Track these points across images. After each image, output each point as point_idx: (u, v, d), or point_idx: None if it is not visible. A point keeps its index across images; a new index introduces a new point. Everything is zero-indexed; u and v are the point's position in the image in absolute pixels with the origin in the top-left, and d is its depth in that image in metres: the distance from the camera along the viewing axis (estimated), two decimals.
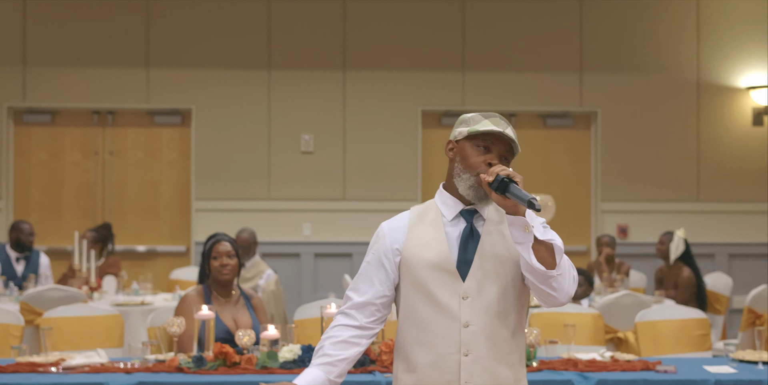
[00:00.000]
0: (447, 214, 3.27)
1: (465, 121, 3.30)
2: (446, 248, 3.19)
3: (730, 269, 10.87)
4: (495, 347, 3.15)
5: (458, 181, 3.25)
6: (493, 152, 3.21)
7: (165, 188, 11.02)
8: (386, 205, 10.82)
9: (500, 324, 3.16)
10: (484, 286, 3.16)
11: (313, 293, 10.60)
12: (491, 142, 3.22)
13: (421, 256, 3.21)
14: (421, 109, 10.99)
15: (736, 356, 5.38)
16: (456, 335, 3.14)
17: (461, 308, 3.15)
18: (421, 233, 3.26)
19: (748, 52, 11.09)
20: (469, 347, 3.14)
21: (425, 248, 3.22)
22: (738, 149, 11.09)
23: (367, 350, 4.99)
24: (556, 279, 3.05)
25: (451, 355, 3.14)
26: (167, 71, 10.78)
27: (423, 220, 3.29)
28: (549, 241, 3.06)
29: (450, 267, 3.17)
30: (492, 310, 3.15)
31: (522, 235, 3.05)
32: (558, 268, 3.05)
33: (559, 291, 3.07)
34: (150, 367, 4.92)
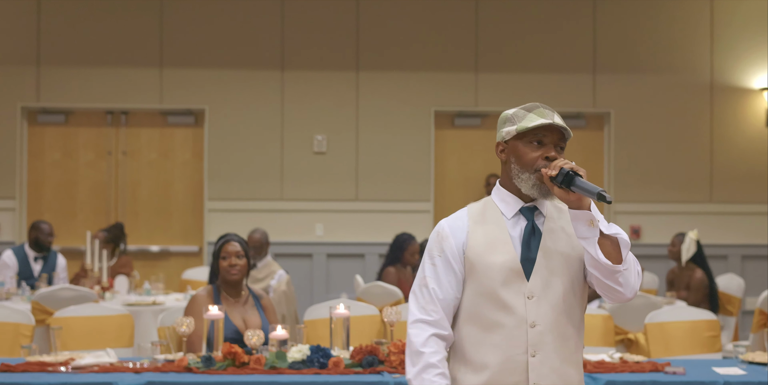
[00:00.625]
0: (507, 212, 3.19)
1: (509, 119, 3.21)
2: (511, 248, 3.13)
3: (743, 270, 10.84)
4: (562, 347, 3.11)
5: (519, 182, 3.16)
6: (546, 145, 3.15)
7: (178, 188, 11.05)
8: (399, 205, 10.82)
9: (566, 322, 3.12)
10: (549, 284, 3.11)
11: (325, 293, 10.61)
12: (543, 135, 3.15)
13: (486, 256, 3.13)
14: (434, 110, 10.99)
15: (746, 357, 5.36)
16: (523, 336, 3.09)
17: (527, 308, 3.09)
18: (484, 232, 3.18)
19: (762, 53, 11.06)
20: (536, 348, 3.09)
21: (490, 248, 3.14)
22: (751, 150, 11.05)
23: (376, 350, 5.00)
24: (623, 274, 3.02)
25: (519, 355, 3.09)
26: (181, 71, 10.81)
27: (483, 218, 3.20)
28: (615, 235, 3.02)
29: (515, 267, 3.11)
30: (557, 308, 3.11)
31: (587, 229, 3.01)
32: (624, 263, 3.01)
33: (625, 286, 3.03)
34: (159, 367, 4.93)
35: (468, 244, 3.16)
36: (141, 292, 8.57)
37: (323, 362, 4.94)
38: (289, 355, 5.00)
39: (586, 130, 11.21)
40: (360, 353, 4.99)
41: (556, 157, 3.13)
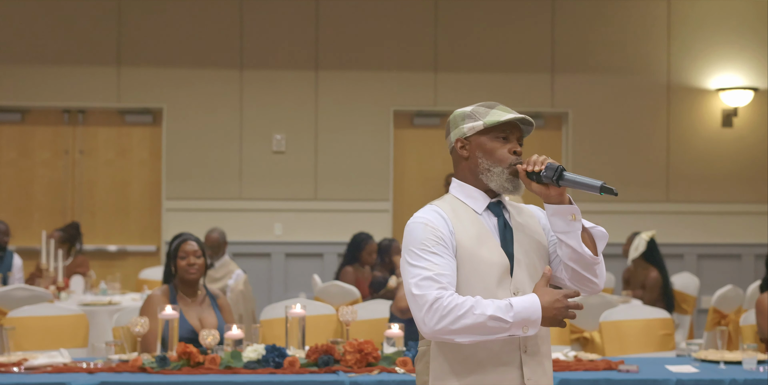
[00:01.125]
0: (476, 208, 3.14)
1: (468, 115, 3.19)
2: (496, 243, 3.08)
3: (699, 269, 10.93)
4: (543, 341, 3.10)
5: (489, 177, 3.11)
6: (512, 141, 3.16)
7: (135, 188, 11.00)
8: (358, 205, 10.82)
9: None
10: (530, 279, 3.08)
11: (283, 293, 10.60)
12: (509, 131, 3.15)
13: (475, 251, 3.06)
14: (393, 110, 11.00)
15: (699, 355, 5.41)
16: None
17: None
18: (465, 226, 3.09)
19: (718, 54, 11.16)
20: (526, 343, 3.05)
21: (477, 242, 3.07)
22: (707, 150, 11.15)
23: (332, 349, 5.00)
24: (600, 266, 3.04)
25: (513, 352, 3.04)
26: (138, 70, 10.75)
27: (457, 213, 3.12)
28: (592, 228, 3.05)
29: (503, 262, 3.06)
30: None
31: (568, 224, 2.99)
32: (599, 254, 3.04)
33: (600, 277, 3.06)
34: (113, 367, 4.91)
35: (456, 237, 3.06)
36: (97, 292, 8.52)
37: (278, 361, 4.94)
38: (244, 355, 4.99)
39: (544, 130, 11.27)
40: (315, 352, 4.99)
41: (521, 151, 3.14)
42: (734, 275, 10.95)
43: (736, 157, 11.17)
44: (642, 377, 4.92)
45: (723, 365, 5.24)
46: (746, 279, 10.70)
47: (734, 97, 11.06)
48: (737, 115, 11.13)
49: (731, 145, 11.16)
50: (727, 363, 5.29)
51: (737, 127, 11.17)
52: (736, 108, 11.11)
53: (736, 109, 11.11)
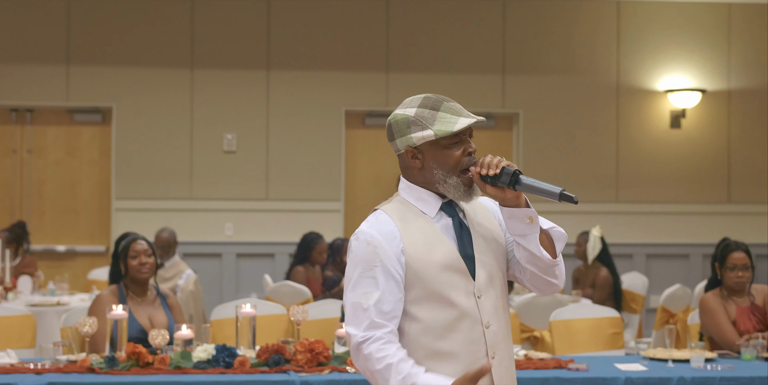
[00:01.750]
0: (428, 210, 2.99)
1: (413, 122, 2.96)
2: (451, 246, 2.93)
3: (648, 268, 11.03)
4: (509, 345, 3.00)
5: (446, 188, 2.95)
6: (465, 141, 2.98)
7: (85, 187, 10.90)
8: (309, 205, 10.81)
9: (507, 319, 3.00)
10: (491, 282, 2.94)
11: (234, 293, 10.55)
12: (462, 132, 2.97)
13: (428, 258, 2.90)
14: (345, 109, 11.00)
15: (647, 354, 5.46)
16: (481, 338, 2.91)
17: (480, 308, 2.91)
18: (416, 234, 2.95)
19: (667, 56, 11.27)
20: (494, 349, 2.92)
21: (429, 249, 2.92)
22: (656, 151, 11.25)
23: (282, 349, 4.98)
24: (559, 267, 2.94)
25: (481, 359, 2.89)
26: (88, 69, 10.66)
27: (408, 220, 2.96)
28: (550, 229, 2.93)
29: (461, 266, 2.91)
30: (502, 305, 2.97)
31: (526, 226, 2.87)
32: (558, 254, 2.93)
33: (560, 278, 2.96)
34: (61, 368, 4.86)
35: (405, 248, 2.91)
36: (45, 292, 8.44)
37: (229, 361, 4.92)
38: (194, 355, 4.97)
39: (495, 131, 11.31)
40: (266, 352, 4.97)
41: (475, 150, 2.99)
42: (682, 275, 11.06)
43: (685, 158, 11.28)
44: (591, 376, 4.95)
45: (671, 364, 5.29)
46: (694, 279, 10.81)
47: (682, 98, 11.16)
48: (685, 117, 11.24)
49: (679, 146, 11.27)
50: (676, 361, 5.34)
51: (685, 128, 11.28)
52: (684, 109, 11.22)
53: (684, 110, 11.22)
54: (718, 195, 11.31)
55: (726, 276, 5.94)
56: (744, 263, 5.89)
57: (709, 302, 5.95)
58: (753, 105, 11.35)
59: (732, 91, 11.32)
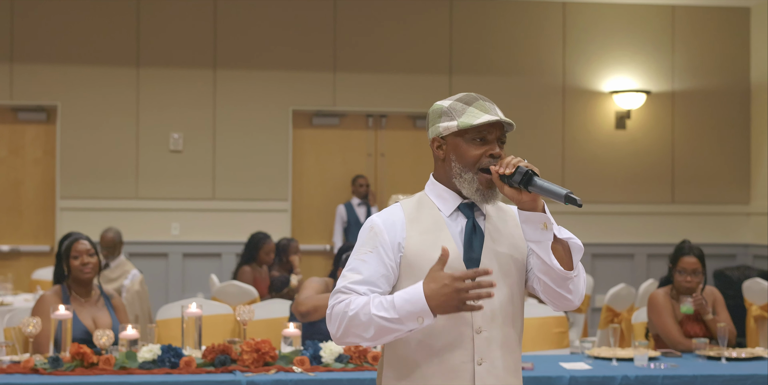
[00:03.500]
0: (444, 208, 2.96)
1: (444, 112, 2.96)
2: (454, 246, 2.87)
3: (593, 268, 11.12)
4: (507, 355, 2.89)
5: (461, 183, 2.93)
6: (490, 142, 2.91)
7: (29, 187, 10.78)
8: (256, 205, 10.77)
9: (510, 329, 2.91)
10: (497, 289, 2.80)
11: (181, 293, 10.50)
12: (487, 131, 2.91)
13: (427, 255, 2.85)
14: (292, 109, 10.98)
15: (592, 353, 5.51)
16: (469, 343, 2.85)
17: (473, 313, 2.84)
18: (422, 229, 2.92)
19: (612, 58, 11.37)
20: (482, 355, 2.85)
21: (431, 246, 2.87)
22: (601, 152, 11.35)
23: (228, 349, 4.97)
24: (573, 281, 2.81)
25: (464, 364, 2.84)
26: (32, 67, 10.55)
27: (419, 215, 2.95)
28: (567, 239, 2.82)
29: (460, 267, 2.84)
30: (503, 313, 2.89)
31: (540, 233, 2.79)
32: (575, 269, 2.82)
33: (575, 293, 2.84)
34: (4, 368, 4.81)
35: (406, 241, 2.89)
36: None
37: (174, 361, 4.89)
38: (139, 355, 4.94)
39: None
40: (212, 352, 4.96)
41: (500, 154, 2.91)
42: (627, 275, 11.17)
43: (629, 158, 11.39)
44: (537, 374, 4.98)
45: (615, 362, 5.34)
46: (639, 278, 10.93)
47: (627, 99, 11.27)
48: (630, 118, 11.35)
49: (624, 146, 11.38)
50: (620, 360, 5.39)
51: (630, 129, 11.39)
52: (629, 110, 11.33)
53: (629, 111, 11.33)
54: (662, 195, 11.44)
55: (676, 278, 6.00)
56: (693, 268, 5.94)
57: (658, 299, 6.00)
58: (696, 106, 11.49)
59: (676, 92, 11.45)
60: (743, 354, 5.55)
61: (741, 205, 11.52)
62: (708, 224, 11.43)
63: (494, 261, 2.90)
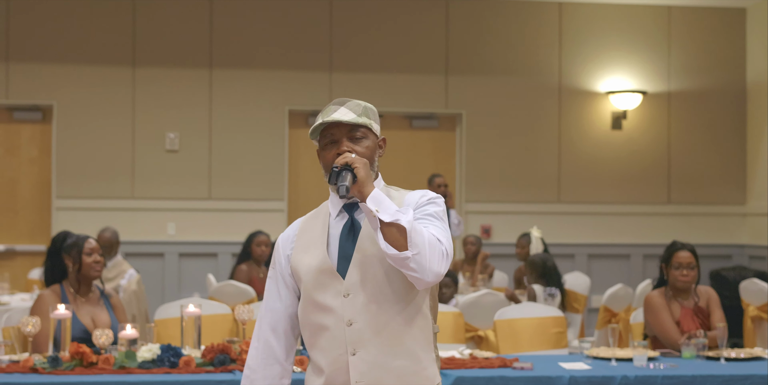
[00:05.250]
0: (333, 212, 3.13)
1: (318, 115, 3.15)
2: (323, 250, 3.07)
3: (589, 268, 11.13)
4: (385, 341, 3.01)
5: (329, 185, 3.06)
6: (338, 141, 3.07)
7: (24, 186, 10.77)
8: (252, 204, 10.77)
9: (388, 315, 3.01)
10: (365, 279, 3.01)
11: (177, 293, 10.49)
12: (331, 133, 3.08)
13: (303, 261, 3.09)
14: (288, 109, 10.97)
15: (591, 353, 5.51)
16: (341, 335, 3.02)
17: (343, 307, 3.01)
18: (306, 237, 3.14)
19: (608, 58, 11.38)
20: (355, 346, 3.01)
21: (306, 252, 3.10)
22: (597, 152, 11.36)
23: (228, 348, 4.96)
24: (413, 259, 2.86)
25: (341, 356, 3.03)
26: (27, 66, 10.53)
27: (313, 223, 3.16)
28: (395, 221, 2.86)
29: (328, 268, 3.04)
30: (376, 302, 3.01)
31: (372, 221, 2.89)
32: (412, 247, 2.86)
33: (421, 271, 2.89)
34: (3, 368, 4.81)
35: (292, 252, 3.14)
36: None
37: (174, 361, 4.89)
38: (138, 354, 4.93)
39: (438, 131, 11.35)
40: (211, 351, 4.95)
41: (346, 151, 3.04)
42: (623, 275, 11.18)
43: (625, 159, 11.39)
44: (536, 374, 4.99)
45: (614, 362, 5.34)
46: (635, 278, 10.93)
47: (623, 100, 11.28)
48: (626, 118, 11.36)
49: (620, 147, 11.39)
50: (619, 360, 5.40)
51: (626, 129, 11.40)
52: (626, 111, 11.34)
53: (625, 112, 11.33)
54: (658, 196, 11.45)
55: (671, 275, 6.00)
56: (689, 262, 5.96)
57: (653, 300, 6.01)
58: (692, 107, 11.50)
59: (672, 93, 11.46)
60: (742, 354, 5.56)
61: (737, 205, 11.54)
62: (704, 225, 11.45)
63: (367, 255, 3.02)
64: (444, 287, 7.63)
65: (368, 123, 3.10)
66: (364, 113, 3.11)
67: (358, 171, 2.91)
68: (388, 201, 2.91)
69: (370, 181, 2.93)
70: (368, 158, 3.06)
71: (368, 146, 3.09)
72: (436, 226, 3.00)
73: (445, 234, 2.99)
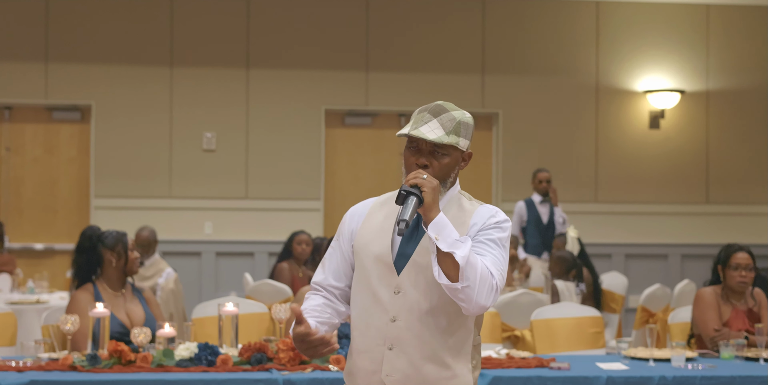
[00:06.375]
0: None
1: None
2: (388, 242, 3.13)
3: (626, 268, 11.07)
4: (421, 344, 3.08)
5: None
6: (421, 151, 3.12)
7: (63, 185, 10.85)
8: (289, 204, 10.79)
9: (429, 321, 3.08)
10: (418, 281, 3.07)
11: (214, 292, 10.53)
12: (416, 141, 3.12)
13: (367, 245, 3.15)
14: (325, 109, 10.99)
15: (628, 353, 5.47)
16: (383, 328, 3.10)
17: (392, 302, 3.09)
18: (375, 221, 3.19)
19: (646, 57, 11.31)
20: (393, 342, 3.09)
21: (373, 237, 3.16)
22: (635, 152, 11.30)
23: (265, 347, 4.98)
24: (463, 291, 2.93)
25: (378, 346, 3.11)
26: (66, 66, 10.61)
27: (383, 208, 3.21)
28: (451, 253, 2.91)
29: (387, 260, 3.11)
30: (421, 306, 3.07)
31: (431, 245, 2.95)
32: (463, 280, 2.91)
33: (468, 302, 2.95)
34: (43, 365, 4.84)
35: (359, 231, 3.19)
36: (24, 290, 8.40)
37: (211, 359, 4.90)
38: (176, 353, 4.95)
39: (474, 130, 11.29)
40: (248, 350, 4.96)
41: (424, 163, 3.10)
42: (661, 275, 11.11)
43: (663, 158, 11.33)
44: (573, 375, 4.96)
45: (652, 363, 5.31)
46: (672, 279, 10.86)
47: (661, 99, 11.22)
48: (664, 117, 11.29)
49: (658, 146, 11.32)
50: (657, 361, 5.36)
51: (664, 128, 11.33)
52: (663, 110, 11.27)
53: (663, 111, 11.27)
54: (696, 195, 11.37)
55: (729, 276, 5.94)
56: (747, 263, 5.92)
57: (704, 295, 5.97)
58: (731, 106, 11.42)
59: (710, 92, 11.39)
60: None
61: None
62: (742, 225, 11.35)
63: (423, 258, 3.07)
64: None
65: (454, 142, 3.13)
66: (454, 131, 3.14)
67: (425, 195, 2.94)
68: (450, 228, 2.94)
69: (436, 206, 2.96)
70: (444, 174, 3.14)
71: (447, 163, 3.15)
72: (494, 255, 3.04)
73: (500, 266, 3.03)
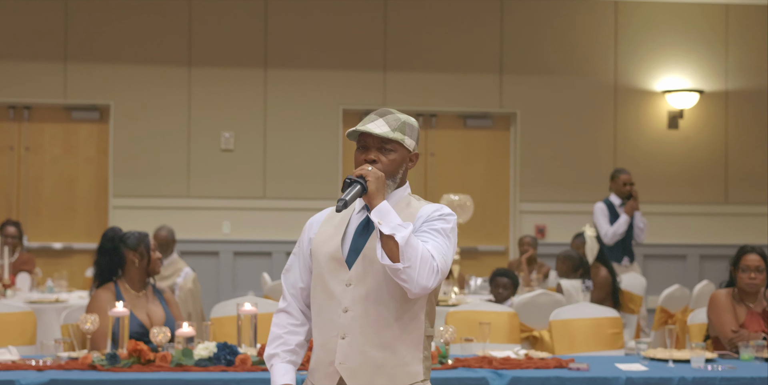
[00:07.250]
0: (357, 206, 3.39)
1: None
2: (338, 241, 3.33)
3: (645, 269, 11.03)
4: (373, 333, 3.26)
5: None
6: (369, 148, 3.32)
7: (82, 185, 10.89)
8: (306, 203, 10.80)
9: (380, 310, 3.25)
10: (368, 274, 3.26)
11: (231, 291, 10.55)
12: (364, 139, 3.33)
13: (321, 247, 3.36)
14: (343, 108, 11.00)
15: (648, 354, 5.46)
16: (337, 320, 3.28)
17: (344, 295, 3.28)
18: (329, 225, 3.41)
19: (664, 57, 11.28)
20: (346, 331, 3.26)
21: (326, 239, 3.36)
22: (653, 152, 11.27)
23: None
24: (404, 272, 3.09)
25: (333, 338, 3.28)
26: (85, 66, 10.65)
27: (337, 215, 3.40)
28: (391, 234, 3.08)
29: (339, 257, 3.31)
30: (371, 297, 3.25)
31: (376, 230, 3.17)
32: (404, 261, 3.08)
33: (410, 283, 3.11)
34: (62, 365, 4.85)
35: (315, 236, 3.41)
36: (44, 289, 8.42)
37: (230, 359, 4.91)
38: (195, 352, 4.96)
39: (492, 130, 11.32)
40: None
41: (372, 159, 3.28)
42: (680, 276, 11.07)
43: (682, 158, 11.29)
44: (592, 375, 4.95)
45: (672, 364, 5.29)
46: (691, 279, 10.82)
47: (680, 99, 11.18)
48: (683, 117, 11.26)
49: (677, 146, 11.29)
50: (676, 362, 5.34)
51: (683, 128, 11.30)
52: (682, 110, 11.24)
53: (681, 111, 11.24)
54: (715, 196, 11.33)
55: (739, 277, 5.94)
56: (757, 265, 5.90)
57: (719, 299, 5.96)
58: (750, 106, 11.37)
59: (729, 92, 11.34)
60: None
61: None
62: (761, 225, 11.30)
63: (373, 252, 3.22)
64: (501, 288, 7.63)
65: (399, 139, 3.31)
66: (399, 128, 3.33)
67: (369, 184, 3.16)
68: (393, 214, 3.13)
69: (380, 194, 3.17)
70: (391, 170, 3.31)
71: (394, 159, 3.31)
72: (436, 242, 3.21)
73: (442, 250, 3.20)
